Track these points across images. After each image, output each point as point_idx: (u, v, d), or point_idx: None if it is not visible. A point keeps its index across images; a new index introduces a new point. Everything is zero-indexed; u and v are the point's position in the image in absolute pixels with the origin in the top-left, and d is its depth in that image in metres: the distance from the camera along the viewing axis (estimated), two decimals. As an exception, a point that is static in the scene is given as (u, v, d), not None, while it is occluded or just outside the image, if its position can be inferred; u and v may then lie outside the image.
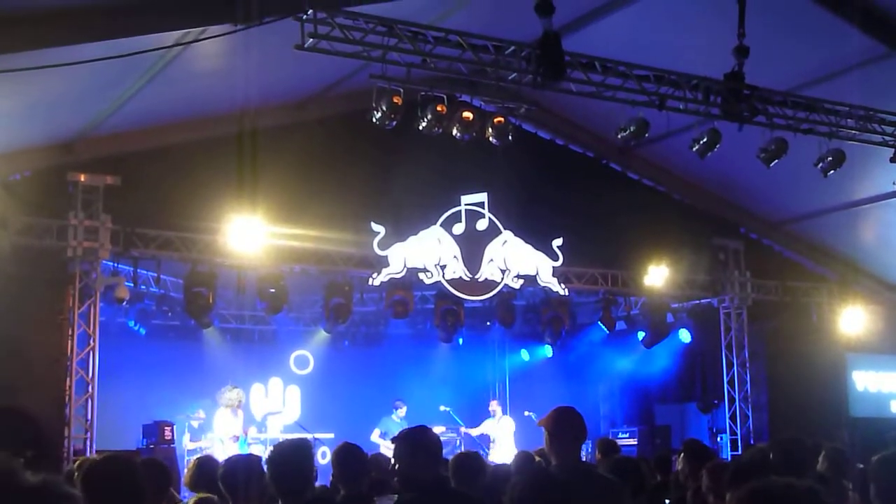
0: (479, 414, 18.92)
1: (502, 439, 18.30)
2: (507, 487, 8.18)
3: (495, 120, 13.79)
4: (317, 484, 6.38)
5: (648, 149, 18.25)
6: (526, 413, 18.81)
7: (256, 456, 7.05)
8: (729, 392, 19.83)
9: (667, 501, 8.55)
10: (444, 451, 5.97)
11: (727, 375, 19.90)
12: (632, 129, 13.77)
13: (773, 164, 14.49)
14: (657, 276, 18.66)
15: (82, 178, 14.65)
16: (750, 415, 19.65)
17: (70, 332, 14.53)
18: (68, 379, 14.37)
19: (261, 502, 6.00)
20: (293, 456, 5.51)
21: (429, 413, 18.08)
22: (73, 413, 14.29)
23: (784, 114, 14.08)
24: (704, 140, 14.14)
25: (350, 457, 6.16)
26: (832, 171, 14.82)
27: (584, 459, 6.34)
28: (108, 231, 14.75)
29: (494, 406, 18.92)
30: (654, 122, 13.78)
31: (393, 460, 5.48)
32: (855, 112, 14.52)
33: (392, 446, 5.46)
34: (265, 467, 5.62)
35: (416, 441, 5.43)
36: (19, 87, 11.53)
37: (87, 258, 14.66)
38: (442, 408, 18.64)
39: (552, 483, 4.98)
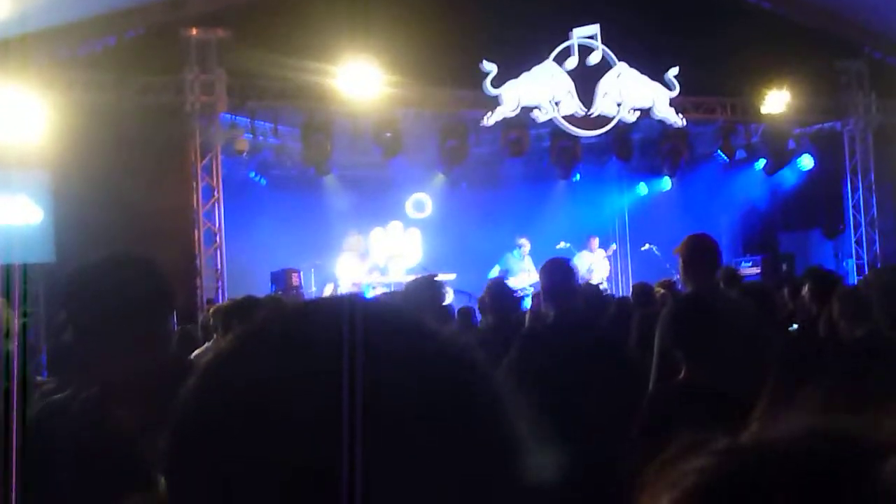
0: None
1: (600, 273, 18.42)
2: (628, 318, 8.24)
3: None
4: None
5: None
6: (645, 246, 18.77)
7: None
8: (854, 217, 19.47)
9: (794, 326, 8.50)
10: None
11: (852, 200, 19.51)
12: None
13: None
14: (777, 101, 18.20)
15: (194, 32, 14.74)
16: (876, 239, 19.29)
17: (194, 186, 14.85)
18: (196, 231, 14.77)
19: None
20: (426, 292, 5.63)
21: (548, 250, 18.13)
22: (203, 264, 14.71)
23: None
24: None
25: (502, 288, 6.34)
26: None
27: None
28: (224, 84, 14.90)
29: (595, 242, 18.88)
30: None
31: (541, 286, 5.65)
32: None
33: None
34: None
35: (558, 267, 5.61)
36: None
37: (205, 112, 14.87)
38: (561, 244, 18.67)
39: (702, 306, 4.94)
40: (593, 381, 4.76)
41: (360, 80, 15.19)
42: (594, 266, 18.47)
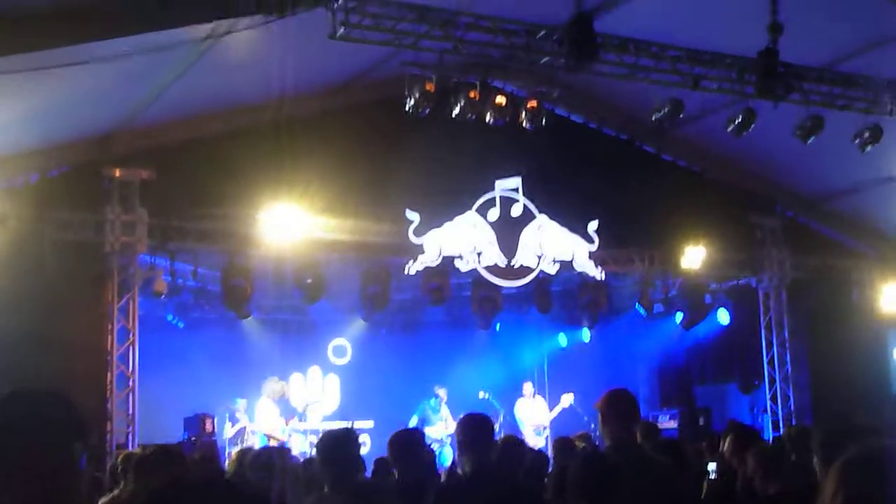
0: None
1: (537, 419, 18.39)
2: (545, 472, 8.21)
3: (528, 104, 13.78)
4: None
5: (683, 129, 18.09)
6: (564, 396, 18.80)
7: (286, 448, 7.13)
8: (769, 372, 19.70)
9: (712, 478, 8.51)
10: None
11: (767, 355, 19.77)
12: (666, 109, 13.72)
13: (809, 140, 14.37)
14: (694, 256, 18.53)
15: (118, 172, 14.73)
16: (791, 394, 19.51)
17: (109, 327, 14.63)
18: (109, 373, 14.49)
19: (305, 489, 6.05)
20: (341, 443, 5.56)
21: (468, 400, 18.09)
22: (114, 407, 14.40)
23: (820, 90, 13.98)
24: (740, 119, 14.06)
25: (408, 441, 6.21)
26: (869, 147, 14.68)
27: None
28: (145, 225, 14.83)
29: (529, 388, 18.90)
30: (687, 101, 13.70)
31: (457, 443, 5.58)
32: (892, 86, 14.35)
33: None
34: (315, 455, 5.70)
35: (477, 424, 5.54)
36: (53, 83, 11.62)
37: (124, 253, 14.76)
38: (481, 394, 18.64)
39: (608, 465, 4.96)
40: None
41: (282, 224, 15.22)
42: (534, 415, 18.46)
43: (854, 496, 2.37)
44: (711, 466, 8.80)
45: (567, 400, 18.25)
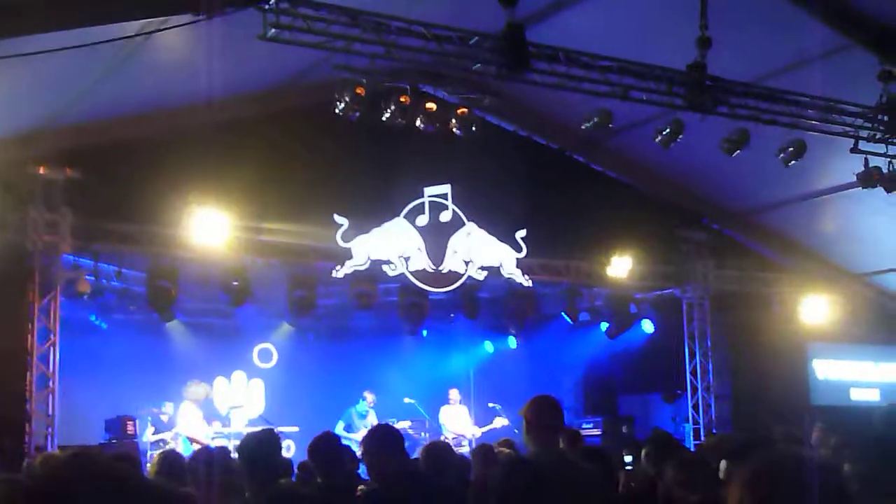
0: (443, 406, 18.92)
1: (464, 426, 18.42)
2: (468, 477, 8.21)
3: (459, 111, 13.79)
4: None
5: (612, 140, 18.28)
6: (490, 405, 18.85)
7: (225, 448, 7.04)
8: (692, 382, 19.94)
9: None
10: (409, 444, 6.01)
11: (690, 365, 20.01)
12: (595, 120, 13.84)
13: (735, 154, 14.59)
14: (620, 267, 18.70)
15: (42, 170, 14.48)
16: (713, 404, 19.76)
17: (30, 327, 14.38)
18: (28, 374, 14.23)
19: (227, 493, 5.98)
20: (263, 447, 5.51)
21: (394, 405, 18.07)
22: (34, 409, 14.15)
23: (746, 104, 14.15)
24: (667, 131, 14.22)
25: (329, 447, 6.16)
26: (793, 162, 14.94)
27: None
28: (69, 225, 14.59)
29: (455, 394, 18.89)
30: (617, 113, 13.83)
31: (362, 455, 5.53)
32: (816, 103, 14.59)
33: (353, 438, 5.60)
34: (235, 458, 5.63)
35: (382, 435, 5.49)
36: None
37: (47, 252, 14.52)
38: (406, 400, 18.63)
39: (531, 470, 4.97)
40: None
41: (208, 226, 15.08)
42: (457, 423, 18.43)
43: (759, 501, 2.40)
44: (628, 459, 8.89)
45: (500, 422, 18.22)
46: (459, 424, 18.50)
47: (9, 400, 13.73)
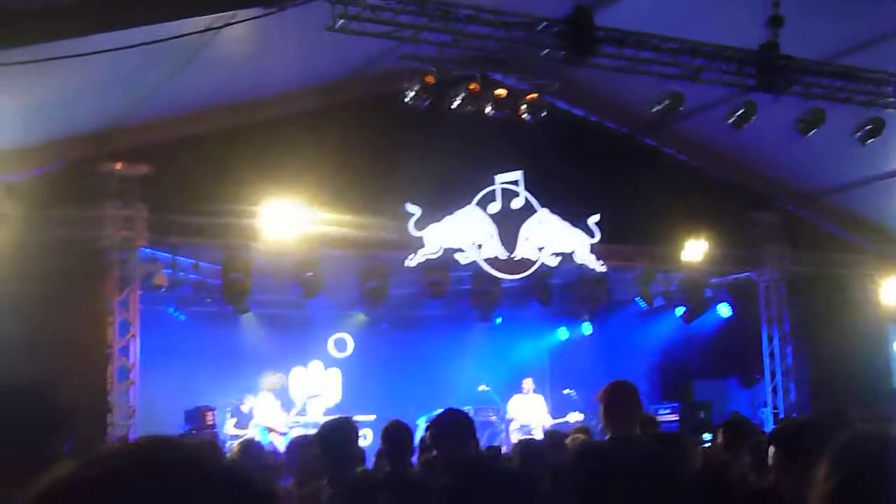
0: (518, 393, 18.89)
1: (536, 416, 18.32)
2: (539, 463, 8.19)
3: (528, 97, 13.76)
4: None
5: (683, 123, 18.06)
6: (565, 391, 18.80)
7: (308, 436, 7.10)
8: (770, 366, 19.70)
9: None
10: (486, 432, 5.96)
11: (767, 349, 19.77)
12: (665, 103, 13.71)
13: (810, 134, 14.35)
14: (695, 250, 18.52)
15: (117, 167, 14.71)
16: (792, 388, 19.51)
17: (110, 321, 14.63)
18: (109, 367, 14.48)
19: (312, 478, 6.05)
20: (340, 434, 5.56)
21: (468, 394, 18.09)
22: (115, 400, 14.40)
23: (821, 83, 13.93)
24: (740, 112, 14.04)
25: (398, 434, 6.17)
26: (871, 140, 14.66)
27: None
28: (145, 220, 14.80)
29: (529, 384, 18.79)
30: (688, 95, 13.68)
31: (431, 440, 5.51)
32: (893, 79, 14.32)
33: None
34: (315, 445, 5.67)
35: (452, 421, 5.47)
36: (52, 77, 11.59)
37: (124, 247, 14.73)
38: (481, 387, 18.65)
39: (607, 455, 4.94)
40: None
41: (282, 219, 15.20)
42: (526, 413, 18.34)
43: (846, 480, 2.36)
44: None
45: (573, 417, 18.10)
46: (531, 414, 18.38)
47: (90, 393, 13.95)
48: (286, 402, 17.12)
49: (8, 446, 2.63)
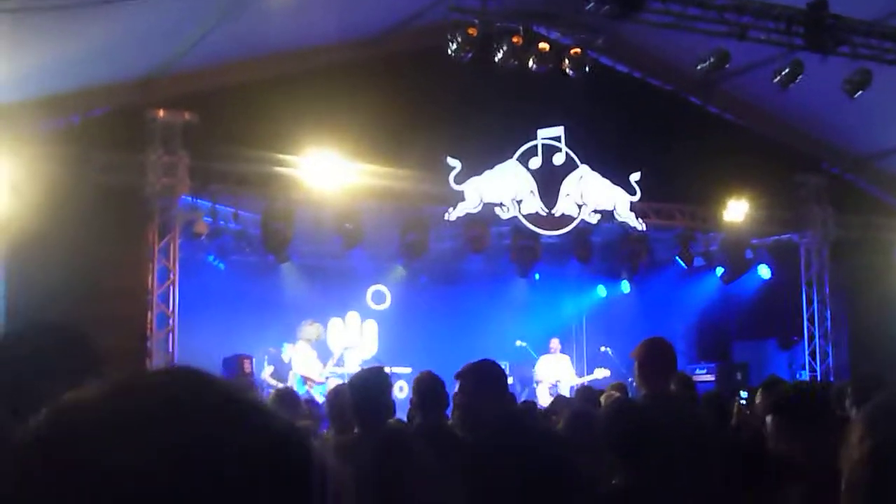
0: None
1: (563, 376, 18.35)
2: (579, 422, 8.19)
3: (572, 51, 13.65)
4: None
5: (729, 82, 17.89)
6: (602, 348, 18.80)
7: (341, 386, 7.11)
8: (809, 329, 19.59)
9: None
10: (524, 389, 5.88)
11: (807, 312, 19.65)
12: (711, 60, 13.58)
13: (857, 95, 14.16)
14: (737, 211, 18.40)
15: (160, 114, 14.75)
16: (830, 352, 19.40)
17: (151, 267, 14.74)
18: (149, 313, 14.61)
19: (349, 427, 6.07)
20: (372, 384, 5.57)
21: (505, 349, 18.09)
22: (154, 346, 14.54)
23: (869, 44, 13.74)
24: (787, 71, 13.88)
25: (431, 386, 6.16)
26: (919, 103, 14.48)
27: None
28: (187, 167, 14.85)
29: (556, 344, 18.81)
30: (734, 53, 13.53)
31: (460, 394, 5.44)
32: (944, 41, 14.11)
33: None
34: (347, 394, 5.68)
35: (481, 375, 5.40)
36: (92, 25, 11.65)
37: (165, 194, 14.81)
38: (518, 342, 18.68)
39: (641, 413, 4.93)
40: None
41: (322, 170, 15.23)
42: (554, 372, 18.36)
43: (882, 441, 2.34)
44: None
45: (601, 373, 18.14)
46: (556, 373, 18.39)
47: (131, 338, 14.10)
48: (323, 353, 17.20)
49: (39, 387, 2.67)
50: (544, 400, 16.96)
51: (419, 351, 17.99)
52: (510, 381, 13.77)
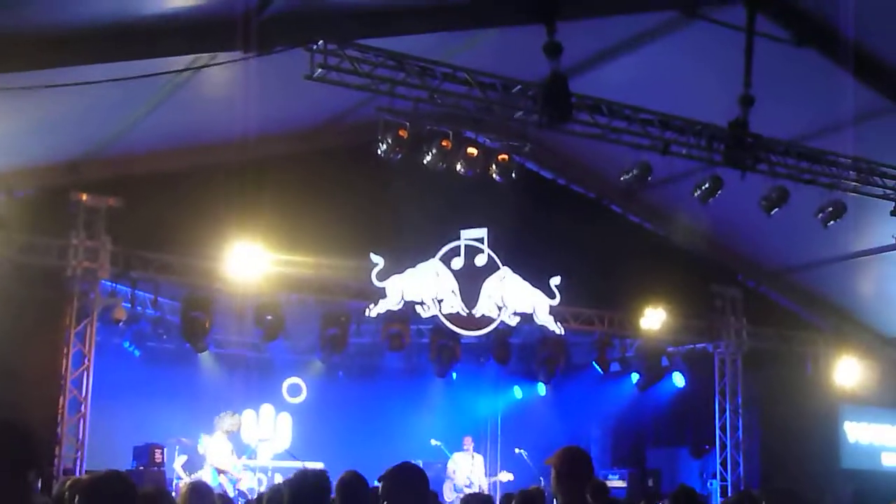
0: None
1: (475, 475, 18.38)
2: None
3: (499, 157, 13.85)
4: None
5: (650, 192, 18.28)
6: (517, 450, 18.81)
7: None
8: (721, 438, 19.80)
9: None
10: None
11: (719, 421, 19.87)
12: (635, 172, 13.85)
13: (773, 212, 14.54)
14: (654, 319, 18.66)
15: (84, 198, 14.66)
16: (741, 461, 19.60)
17: (65, 351, 14.53)
18: (62, 398, 14.35)
19: None
20: (310, 485, 5.55)
21: (420, 447, 18.05)
22: (64, 432, 14.26)
23: (786, 163, 14.15)
24: (706, 186, 14.21)
25: (354, 487, 6.12)
26: (832, 222, 14.89)
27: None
28: (108, 252, 14.75)
29: (469, 442, 18.87)
30: (656, 165, 13.85)
31: (381, 496, 5.43)
32: (856, 164, 14.59)
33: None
34: (286, 495, 5.63)
35: (404, 478, 5.41)
36: (27, 105, 11.62)
37: (86, 278, 14.67)
38: (433, 442, 18.63)
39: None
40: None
41: (245, 260, 15.20)
42: (465, 471, 18.39)
43: None
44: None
45: (505, 477, 18.35)
46: (470, 472, 18.44)
47: (41, 423, 13.82)
48: (237, 445, 17.02)
49: None
50: (448, 496, 16.97)
51: (333, 446, 17.89)
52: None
